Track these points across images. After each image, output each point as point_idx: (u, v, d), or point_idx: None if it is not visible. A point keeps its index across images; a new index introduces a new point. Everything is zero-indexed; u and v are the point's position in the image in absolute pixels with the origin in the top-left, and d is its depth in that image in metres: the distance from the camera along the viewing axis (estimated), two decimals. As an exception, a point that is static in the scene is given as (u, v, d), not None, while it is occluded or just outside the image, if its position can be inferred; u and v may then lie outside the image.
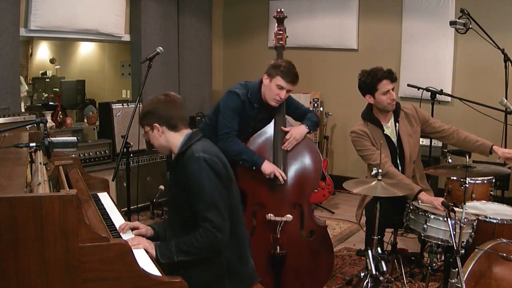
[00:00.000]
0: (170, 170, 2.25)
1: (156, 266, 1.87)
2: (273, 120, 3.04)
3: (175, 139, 2.17)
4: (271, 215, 2.93)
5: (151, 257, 1.96)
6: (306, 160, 3.05)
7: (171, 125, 2.15)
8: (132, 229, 2.23)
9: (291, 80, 2.89)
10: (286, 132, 3.01)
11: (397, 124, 3.21)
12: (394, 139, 3.20)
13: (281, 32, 3.17)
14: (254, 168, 2.89)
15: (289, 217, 2.93)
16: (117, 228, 2.20)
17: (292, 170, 3.02)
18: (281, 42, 3.18)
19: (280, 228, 2.92)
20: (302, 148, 3.05)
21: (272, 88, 2.90)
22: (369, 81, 3.13)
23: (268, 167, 2.89)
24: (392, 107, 3.16)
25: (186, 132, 2.19)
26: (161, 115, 2.14)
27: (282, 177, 2.91)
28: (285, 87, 2.89)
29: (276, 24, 3.18)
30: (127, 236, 2.14)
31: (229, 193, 2.13)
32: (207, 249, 2.03)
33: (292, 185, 3.00)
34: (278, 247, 2.93)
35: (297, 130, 3.03)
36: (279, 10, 3.17)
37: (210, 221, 2.00)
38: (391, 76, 3.11)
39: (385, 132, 3.18)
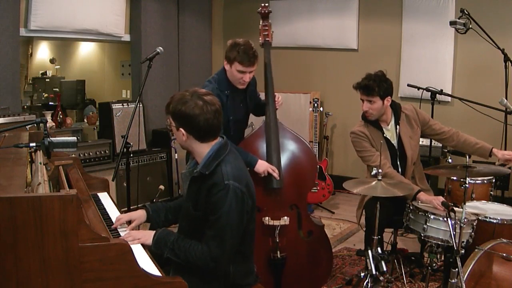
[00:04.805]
0: (191, 180, 2.09)
1: (156, 266, 1.87)
2: (263, 121, 3.02)
3: (201, 149, 2.04)
4: (268, 218, 2.87)
5: (150, 257, 1.96)
6: (301, 160, 3.00)
7: (199, 136, 2.01)
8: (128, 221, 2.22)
9: (249, 63, 2.86)
10: (277, 133, 2.97)
11: (397, 126, 3.18)
12: (394, 142, 3.18)
13: (266, 28, 3.09)
14: (247, 168, 2.85)
15: (286, 219, 2.87)
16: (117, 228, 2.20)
17: (287, 171, 2.96)
18: (268, 38, 3.11)
19: (278, 232, 2.87)
20: (295, 148, 3.01)
21: (234, 73, 2.91)
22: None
23: (261, 166, 2.83)
24: (367, 116, 3.14)
25: (214, 142, 2.05)
26: (192, 125, 1.97)
27: (276, 173, 2.84)
28: (245, 71, 2.88)
29: (261, 20, 3.09)
30: (122, 230, 2.15)
31: (248, 221, 2.06)
32: (195, 264, 1.98)
33: (288, 186, 2.94)
34: (278, 251, 2.88)
35: None
36: (263, 5, 3.08)
37: (209, 249, 1.94)
38: (363, 90, 3.07)
39: (385, 135, 3.16)
